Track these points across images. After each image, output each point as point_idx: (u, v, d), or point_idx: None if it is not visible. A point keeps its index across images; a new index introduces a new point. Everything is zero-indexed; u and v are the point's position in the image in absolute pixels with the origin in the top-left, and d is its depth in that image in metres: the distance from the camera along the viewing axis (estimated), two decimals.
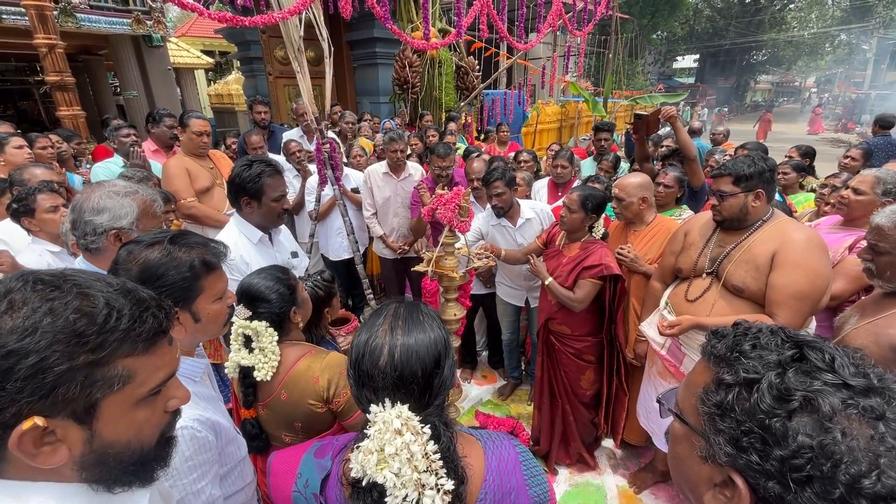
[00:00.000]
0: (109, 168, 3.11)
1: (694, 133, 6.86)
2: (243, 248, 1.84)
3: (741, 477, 0.54)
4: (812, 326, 2.18)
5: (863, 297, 1.77)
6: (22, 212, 2.02)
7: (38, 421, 0.53)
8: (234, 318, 1.33)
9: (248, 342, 1.35)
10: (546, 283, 2.37)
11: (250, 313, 1.35)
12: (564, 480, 2.63)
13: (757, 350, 0.57)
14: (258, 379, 1.33)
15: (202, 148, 2.99)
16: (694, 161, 2.98)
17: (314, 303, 1.59)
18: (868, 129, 19.06)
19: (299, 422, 1.38)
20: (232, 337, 1.35)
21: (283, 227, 2.14)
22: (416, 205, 3.39)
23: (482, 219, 2.99)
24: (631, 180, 2.44)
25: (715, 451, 0.56)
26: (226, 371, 1.39)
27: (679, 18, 25.07)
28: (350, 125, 4.82)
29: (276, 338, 1.36)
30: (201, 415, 1.03)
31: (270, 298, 1.37)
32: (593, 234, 2.39)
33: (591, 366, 2.50)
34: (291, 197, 3.83)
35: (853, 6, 29.35)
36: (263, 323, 1.34)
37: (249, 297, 1.37)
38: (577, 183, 3.61)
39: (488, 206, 2.90)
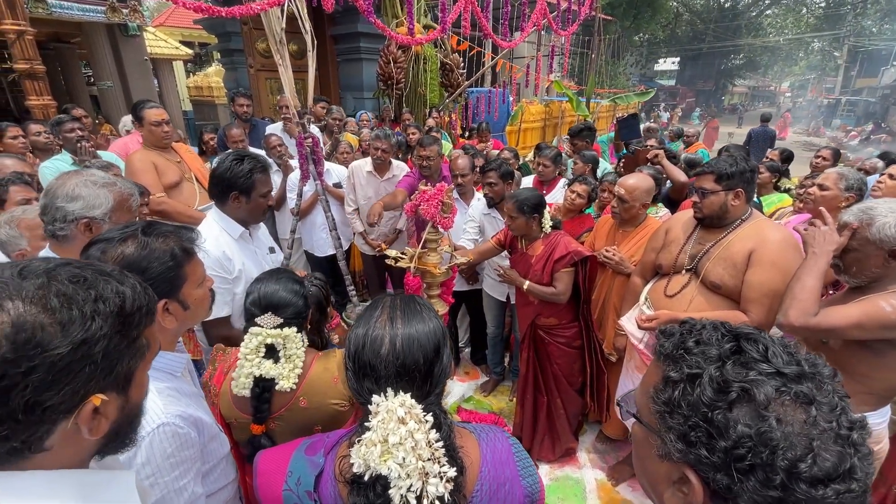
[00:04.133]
0: (57, 166, 2.90)
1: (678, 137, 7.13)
2: (225, 243, 1.78)
3: (694, 472, 0.55)
4: None
5: (831, 294, 1.83)
6: None
7: (104, 396, 0.58)
8: (257, 329, 1.26)
9: (268, 353, 1.26)
10: (524, 287, 2.39)
11: (281, 321, 1.27)
12: (544, 474, 2.66)
13: (700, 346, 0.58)
14: (285, 389, 1.26)
15: (165, 138, 2.82)
16: (684, 186, 3.09)
17: (318, 303, 1.51)
18: (839, 132, 19.78)
19: (320, 425, 1.32)
20: (248, 350, 1.26)
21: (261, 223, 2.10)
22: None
23: (476, 207, 3.07)
24: (641, 185, 2.40)
25: (669, 449, 0.57)
26: (233, 387, 1.29)
27: (660, 21, 25.50)
28: (337, 121, 4.76)
29: (305, 343, 1.30)
30: (184, 411, 1.01)
31: (297, 303, 1.31)
32: (544, 229, 2.42)
33: (579, 351, 2.55)
34: (273, 192, 3.77)
35: (826, 14, 30.30)
36: (293, 329, 1.27)
37: (274, 304, 1.29)
38: (563, 181, 3.64)
39: (480, 194, 2.97)
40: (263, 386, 1.27)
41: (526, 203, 2.31)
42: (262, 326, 1.26)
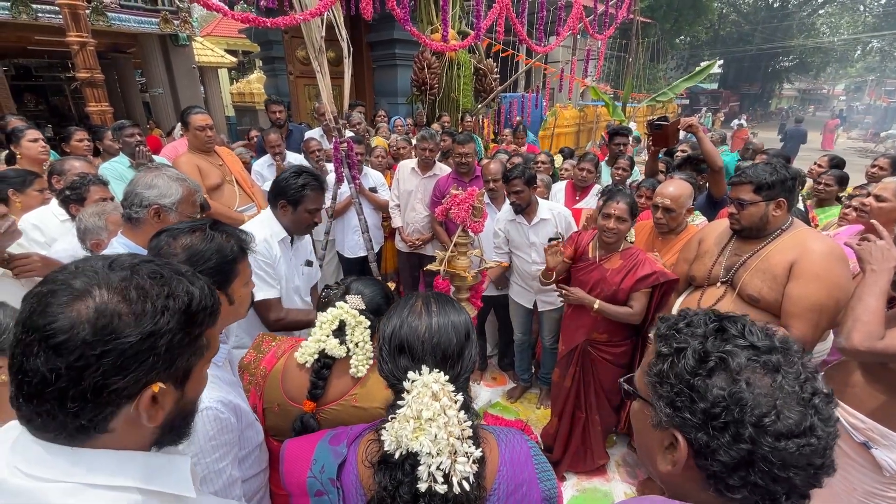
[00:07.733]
0: (115, 168, 3.11)
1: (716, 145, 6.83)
2: (270, 235, 1.94)
3: (680, 433, 0.62)
4: (830, 340, 2.14)
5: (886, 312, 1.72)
6: (73, 199, 2.13)
7: (163, 385, 0.62)
8: (342, 303, 1.27)
9: (338, 333, 1.26)
10: (595, 307, 2.23)
11: (364, 307, 1.30)
12: (572, 486, 2.62)
13: (689, 327, 0.66)
14: (352, 374, 1.25)
15: (208, 142, 2.96)
16: (719, 172, 2.86)
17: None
18: None
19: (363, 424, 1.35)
20: (325, 319, 1.26)
21: (307, 236, 2.20)
22: (436, 201, 3.42)
23: (502, 212, 3.07)
24: (683, 191, 2.31)
25: (660, 416, 0.65)
26: (297, 355, 1.29)
27: (703, 23, 24.63)
28: (357, 125, 4.84)
29: (370, 336, 1.30)
30: (224, 397, 1.07)
31: (379, 305, 1.33)
32: (629, 239, 2.32)
33: (624, 369, 2.44)
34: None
35: (886, 12, 28.50)
36: (367, 322, 1.28)
37: (362, 294, 1.33)
38: (596, 188, 3.57)
39: (507, 201, 2.96)
40: (324, 362, 1.26)
41: (636, 206, 2.22)
42: (348, 304, 1.28)
